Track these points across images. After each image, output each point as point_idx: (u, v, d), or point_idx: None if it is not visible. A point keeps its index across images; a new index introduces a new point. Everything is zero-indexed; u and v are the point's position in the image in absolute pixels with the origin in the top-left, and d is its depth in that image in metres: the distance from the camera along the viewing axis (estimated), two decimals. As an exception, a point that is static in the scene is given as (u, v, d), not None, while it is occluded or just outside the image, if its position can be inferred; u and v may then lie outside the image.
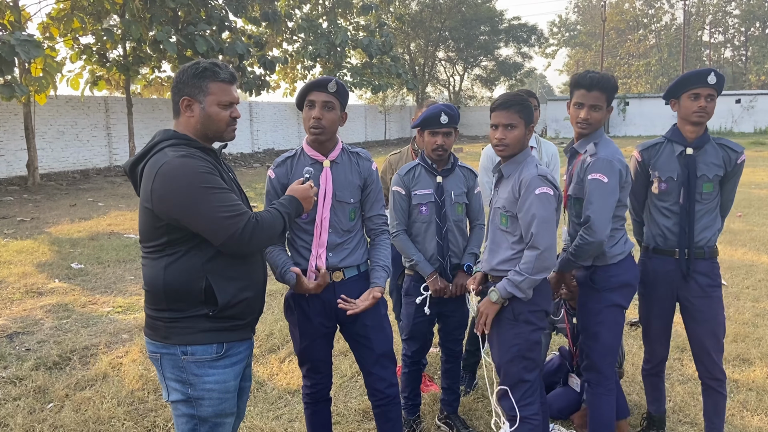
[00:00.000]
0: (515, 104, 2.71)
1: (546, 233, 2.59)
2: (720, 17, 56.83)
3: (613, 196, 2.80)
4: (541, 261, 2.59)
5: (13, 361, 4.56)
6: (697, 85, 2.94)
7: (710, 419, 3.18)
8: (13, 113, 16.55)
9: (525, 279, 2.62)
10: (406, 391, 3.52)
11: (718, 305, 3.10)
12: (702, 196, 3.03)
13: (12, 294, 6.34)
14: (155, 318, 2.19)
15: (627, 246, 2.96)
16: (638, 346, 4.70)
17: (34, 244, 8.76)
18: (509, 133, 2.70)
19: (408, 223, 3.34)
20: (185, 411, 2.20)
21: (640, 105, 36.59)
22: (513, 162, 2.76)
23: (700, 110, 2.94)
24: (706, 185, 3.01)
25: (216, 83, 2.18)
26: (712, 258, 3.08)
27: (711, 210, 3.07)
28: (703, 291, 3.07)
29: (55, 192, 14.99)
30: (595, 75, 2.88)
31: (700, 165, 3.01)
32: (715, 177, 3.01)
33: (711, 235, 3.06)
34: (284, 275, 2.69)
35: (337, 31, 26.04)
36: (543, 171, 2.67)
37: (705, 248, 3.05)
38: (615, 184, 2.80)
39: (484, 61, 43.55)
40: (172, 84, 2.23)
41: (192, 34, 17.77)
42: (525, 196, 2.63)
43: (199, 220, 2.06)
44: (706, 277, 3.07)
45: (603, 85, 2.86)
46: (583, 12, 65.91)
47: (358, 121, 34.48)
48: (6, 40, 11.42)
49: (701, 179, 3.01)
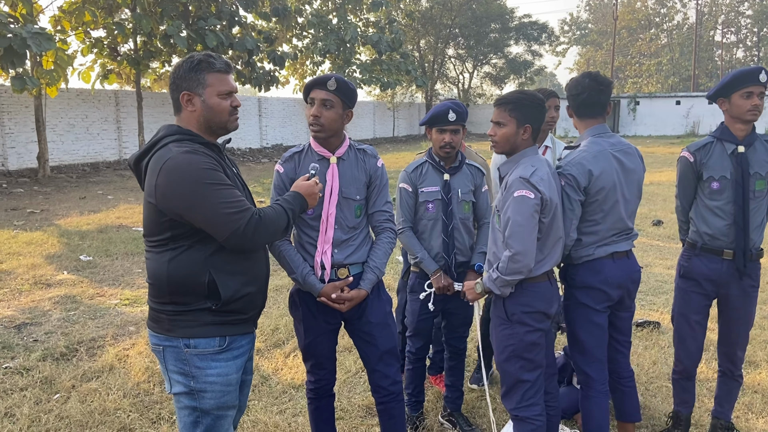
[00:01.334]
0: (507, 103, 2.70)
1: (518, 236, 2.56)
2: (732, 17, 56.36)
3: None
4: (513, 263, 2.58)
5: (20, 352, 4.60)
6: (749, 83, 2.96)
7: (721, 403, 3.31)
8: (24, 105, 16.66)
9: (498, 278, 2.65)
10: (410, 388, 3.53)
11: (753, 304, 3.18)
12: (755, 194, 3.05)
13: (21, 285, 6.39)
14: (159, 311, 2.20)
15: (598, 251, 2.89)
16: (643, 347, 4.68)
17: (44, 235, 8.83)
18: (498, 130, 2.72)
19: (414, 220, 3.34)
20: (187, 403, 2.22)
21: (650, 104, 36.35)
22: (510, 161, 2.76)
23: (753, 108, 2.97)
24: (758, 183, 3.03)
25: (213, 74, 2.18)
26: (759, 259, 3.13)
27: (761, 208, 3.09)
28: (744, 291, 3.13)
29: (65, 184, 15.10)
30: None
31: (752, 162, 3.02)
32: (766, 174, 3.03)
33: (759, 235, 3.09)
34: (307, 279, 2.71)
35: (346, 27, 26.01)
36: (527, 173, 2.60)
37: (753, 250, 3.08)
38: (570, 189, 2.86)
39: (494, 58, 43.37)
40: (170, 81, 2.22)
41: (202, 29, 17.83)
42: (505, 197, 2.64)
43: (203, 215, 2.07)
44: (749, 278, 3.13)
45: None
46: (594, 10, 65.55)
47: (367, 117, 34.47)
48: (18, 33, 11.49)
49: (754, 177, 3.02)
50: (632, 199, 2.97)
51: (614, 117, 36.11)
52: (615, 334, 3.09)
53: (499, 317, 2.78)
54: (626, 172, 2.91)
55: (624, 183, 2.90)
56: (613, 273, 2.92)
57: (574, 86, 2.96)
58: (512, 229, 2.58)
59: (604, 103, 2.96)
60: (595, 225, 2.88)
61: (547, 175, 2.66)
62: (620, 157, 2.90)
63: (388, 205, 2.92)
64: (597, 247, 2.90)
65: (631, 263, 3.00)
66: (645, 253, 7.68)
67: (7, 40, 11.41)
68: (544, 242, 2.70)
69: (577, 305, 2.96)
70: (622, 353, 3.14)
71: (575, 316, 2.98)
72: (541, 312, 2.73)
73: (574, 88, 2.96)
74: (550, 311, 2.77)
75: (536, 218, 2.59)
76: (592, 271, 2.91)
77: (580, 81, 2.94)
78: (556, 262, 2.79)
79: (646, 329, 5.06)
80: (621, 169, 2.89)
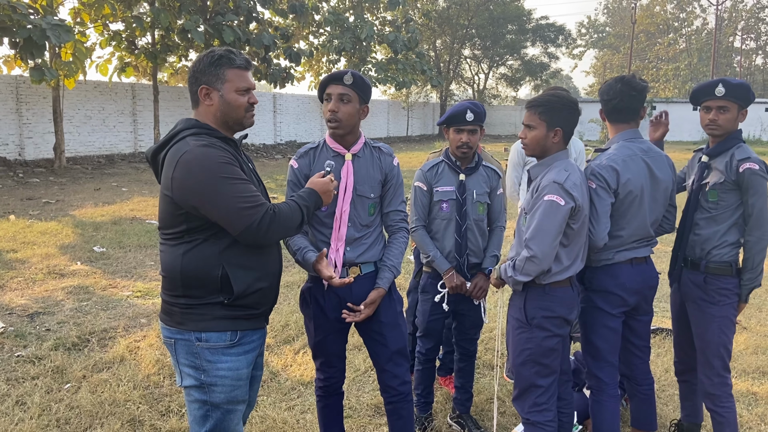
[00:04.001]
0: (538, 105, 2.68)
1: (540, 240, 2.55)
2: (752, 24, 55.77)
3: (603, 200, 2.82)
4: (529, 264, 2.58)
5: (33, 341, 4.64)
6: (706, 97, 2.96)
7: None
8: (42, 96, 16.82)
9: (511, 276, 2.67)
10: (419, 389, 3.52)
11: (709, 323, 3.00)
12: (709, 204, 2.98)
13: (35, 274, 6.45)
14: (171, 304, 2.21)
15: (618, 256, 2.87)
16: (655, 354, 4.64)
17: (58, 226, 8.90)
18: (528, 133, 2.72)
19: (428, 219, 3.32)
20: (198, 397, 2.22)
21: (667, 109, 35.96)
22: (540, 165, 2.73)
23: (710, 123, 2.95)
24: (710, 192, 2.97)
25: (232, 70, 2.19)
26: (709, 274, 2.99)
27: (718, 221, 2.97)
28: (696, 305, 3.04)
29: (81, 176, 15.23)
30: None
31: (710, 173, 2.98)
32: (716, 184, 2.93)
33: (710, 248, 2.98)
34: (304, 255, 2.65)
35: (363, 25, 26.03)
36: (561, 178, 2.58)
37: (705, 260, 3.00)
38: (602, 191, 2.81)
39: (510, 60, 43.24)
40: (189, 74, 2.23)
41: (219, 24, 17.91)
42: (536, 199, 2.62)
43: (218, 209, 2.07)
44: (700, 291, 3.02)
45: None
46: (612, 13, 65.09)
47: (381, 116, 34.47)
48: (37, 24, 11.59)
49: (713, 187, 2.96)
50: (657, 207, 2.93)
51: (630, 121, 35.83)
52: (633, 338, 3.06)
53: (518, 320, 2.75)
54: (654, 179, 2.88)
55: (651, 189, 2.88)
56: (631, 278, 2.89)
57: (606, 91, 2.95)
58: (536, 231, 2.56)
59: (636, 108, 2.92)
60: (620, 230, 2.85)
61: (580, 181, 2.64)
62: (650, 164, 2.87)
63: (403, 204, 2.91)
64: (617, 252, 2.87)
65: (649, 269, 2.97)
66: (659, 259, 7.59)
67: (27, 31, 11.53)
68: (572, 248, 2.67)
69: (593, 309, 2.94)
70: (640, 358, 3.10)
71: (591, 319, 2.95)
72: (562, 317, 2.71)
73: (606, 93, 2.95)
74: (570, 317, 2.75)
75: (563, 225, 2.58)
76: (610, 275, 2.89)
77: (612, 86, 2.92)
78: (580, 268, 2.76)
79: (659, 336, 5.01)
80: (650, 175, 2.87)
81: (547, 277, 2.65)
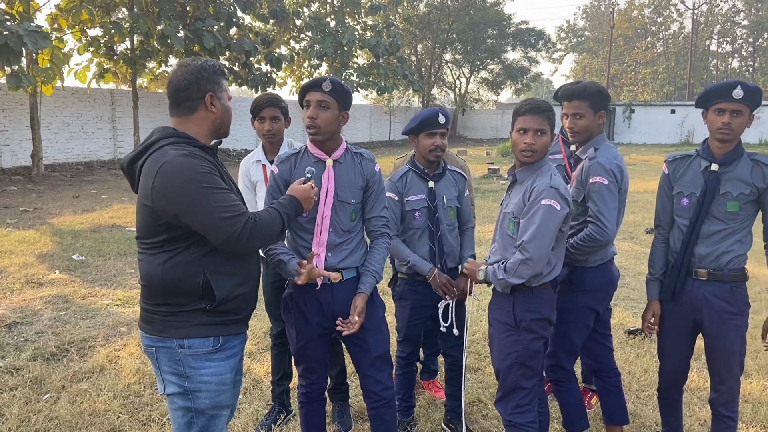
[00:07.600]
0: (547, 110, 2.68)
1: (539, 244, 2.57)
2: (728, 27, 56.71)
3: (615, 196, 2.92)
4: (524, 267, 2.60)
5: (10, 351, 4.57)
6: (722, 99, 2.71)
7: None
8: (19, 103, 16.60)
9: (503, 279, 2.67)
10: (401, 393, 3.52)
11: (735, 334, 2.84)
12: (726, 215, 2.78)
13: (12, 284, 6.36)
14: (152, 312, 2.20)
15: (609, 252, 3.00)
16: (635, 354, 4.69)
17: (36, 234, 8.78)
18: (539, 139, 2.66)
19: (401, 229, 3.33)
20: (182, 404, 2.21)
21: (645, 113, 36.55)
22: (529, 168, 2.74)
23: (723, 126, 2.71)
24: (730, 203, 2.76)
25: (224, 79, 2.31)
26: (732, 282, 2.82)
27: (736, 231, 2.80)
28: (720, 317, 2.83)
29: (59, 183, 15.03)
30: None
31: (724, 182, 2.77)
32: (741, 195, 2.75)
33: (732, 257, 2.80)
34: (286, 267, 2.63)
35: (344, 30, 26.04)
36: (556, 183, 2.62)
37: (725, 270, 2.80)
38: (613, 186, 2.92)
39: (490, 64, 43.51)
40: (189, 81, 2.19)
41: (199, 30, 17.79)
42: (532, 203, 2.62)
43: (199, 219, 2.07)
44: (724, 302, 2.83)
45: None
46: (591, 18, 65.87)
47: (363, 120, 34.50)
48: (14, 30, 11.45)
49: (725, 197, 2.77)
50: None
51: (609, 124, 36.30)
52: (599, 328, 3.23)
53: (504, 323, 2.77)
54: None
55: None
56: (615, 274, 3.13)
57: None
58: (535, 235, 2.57)
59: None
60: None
61: (565, 186, 2.70)
62: None
63: (385, 210, 2.92)
64: (608, 250, 3.04)
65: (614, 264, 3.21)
66: (638, 260, 7.70)
67: (3, 37, 11.37)
68: (558, 251, 2.73)
69: (580, 309, 3.03)
70: (606, 346, 3.26)
71: (574, 318, 3.03)
72: (547, 319, 2.76)
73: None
74: (552, 318, 2.81)
75: (557, 229, 2.63)
76: (602, 273, 3.04)
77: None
78: (560, 270, 2.81)
79: (638, 337, 5.07)
80: None
81: (538, 279, 2.69)
